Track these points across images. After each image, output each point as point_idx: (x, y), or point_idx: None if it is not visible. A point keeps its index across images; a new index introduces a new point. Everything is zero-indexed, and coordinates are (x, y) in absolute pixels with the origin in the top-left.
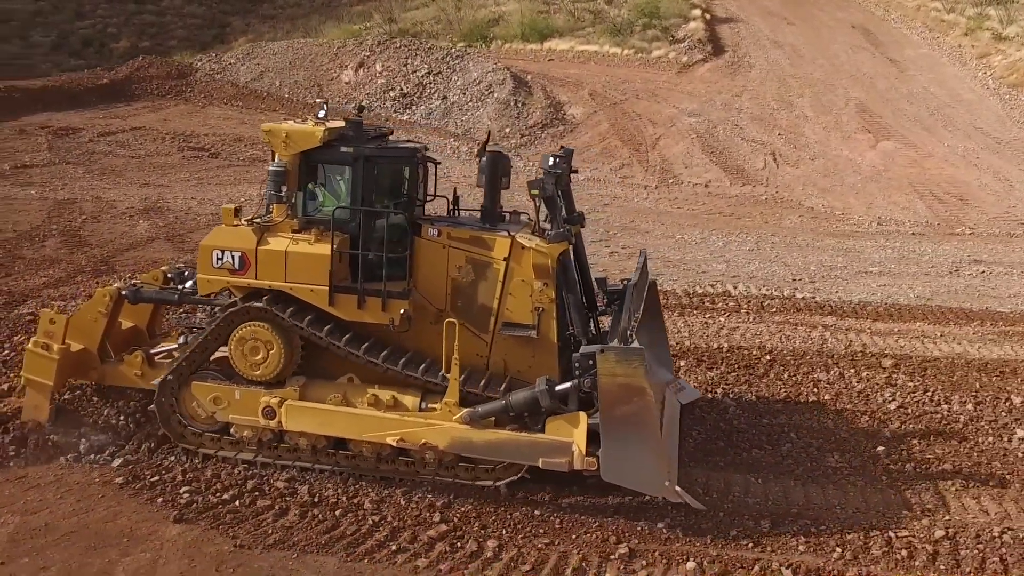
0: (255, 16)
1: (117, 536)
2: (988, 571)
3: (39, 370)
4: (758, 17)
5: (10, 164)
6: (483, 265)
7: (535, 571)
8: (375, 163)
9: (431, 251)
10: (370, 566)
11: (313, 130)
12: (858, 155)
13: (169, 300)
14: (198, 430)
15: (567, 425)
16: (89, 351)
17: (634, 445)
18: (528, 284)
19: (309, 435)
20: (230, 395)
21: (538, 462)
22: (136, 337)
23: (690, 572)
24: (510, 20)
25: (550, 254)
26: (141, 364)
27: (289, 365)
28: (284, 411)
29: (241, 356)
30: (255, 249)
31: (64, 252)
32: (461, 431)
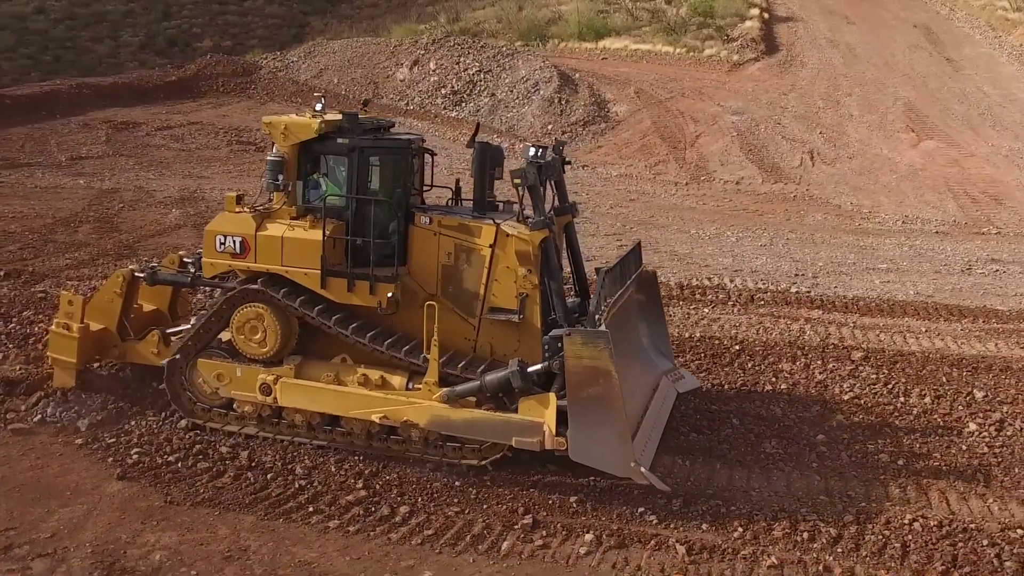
0: (333, 16)
1: (63, 490)
2: (885, 556)
3: (62, 349)
4: (819, 16)
5: (67, 156)
6: (470, 252)
7: (437, 536)
8: (369, 154)
9: (423, 238)
10: (284, 524)
11: (309, 122)
12: (898, 154)
13: (183, 282)
14: (205, 405)
15: (538, 406)
16: (108, 330)
17: (600, 426)
18: (513, 271)
19: (304, 412)
20: (232, 372)
21: (511, 441)
22: (157, 319)
23: (587, 543)
24: (568, 19)
25: (531, 241)
26: (157, 343)
27: (286, 345)
28: (279, 388)
29: (242, 336)
30: (254, 234)
31: (94, 237)
32: (440, 410)
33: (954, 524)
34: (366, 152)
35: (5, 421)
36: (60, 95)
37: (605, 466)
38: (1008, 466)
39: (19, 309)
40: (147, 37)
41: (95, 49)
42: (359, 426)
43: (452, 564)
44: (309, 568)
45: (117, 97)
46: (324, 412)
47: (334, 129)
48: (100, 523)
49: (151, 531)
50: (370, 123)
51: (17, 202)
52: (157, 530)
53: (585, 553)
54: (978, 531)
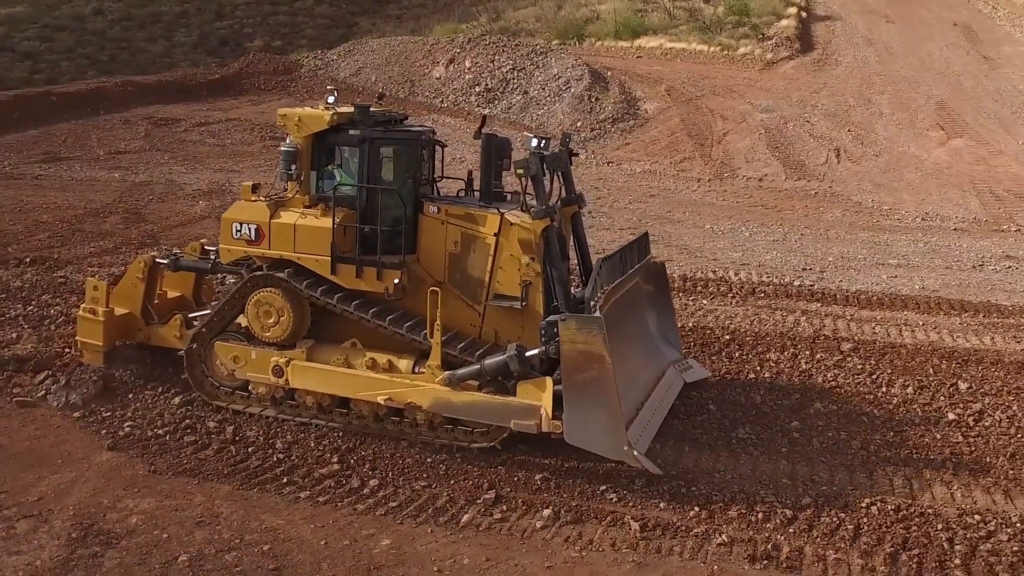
0: (381, 16)
1: (55, 458)
2: (836, 537)
3: (89, 333)
4: (858, 15)
5: (106, 150)
6: (476, 240)
7: (401, 507)
8: (380, 144)
9: (432, 227)
10: (257, 493)
11: (322, 114)
12: (925, 152)
13: (203, 268)
14: (224, 387)
15: (536, 389)
16: (133, 315)
17: (594, 410)
18: (516, 258)
19: (315, 393)
20: (247, 355)
21: (510, 423)
22: (182, 305)
23: (544, 518)
24: (606, 18)
25: (533, 229)
26: (180, 327)
27: (299, 329)
28: (290, 370)
29: (256, 320)
30: (268, 222)
31: (120, 227)
32: (442, 392)
33: (912, 509)
34: (377, 143)
35: (11, 395)
36: (106, 92)
37: (599, 449)
38: (979, 455)
39: (39, 293)
40: (200, 37)
41: (150, 49)
42: (367, 408)
43: (411, 533)
44: (274, 533)
45: (161, 94)
46: (333, 394)
47: (346, 121)
48: (85, 489)
49: (131, 497)
50: (382, 115)
51: (53, 194)
52: (137, 496)
53: (541, 527)
54: (935, 516)
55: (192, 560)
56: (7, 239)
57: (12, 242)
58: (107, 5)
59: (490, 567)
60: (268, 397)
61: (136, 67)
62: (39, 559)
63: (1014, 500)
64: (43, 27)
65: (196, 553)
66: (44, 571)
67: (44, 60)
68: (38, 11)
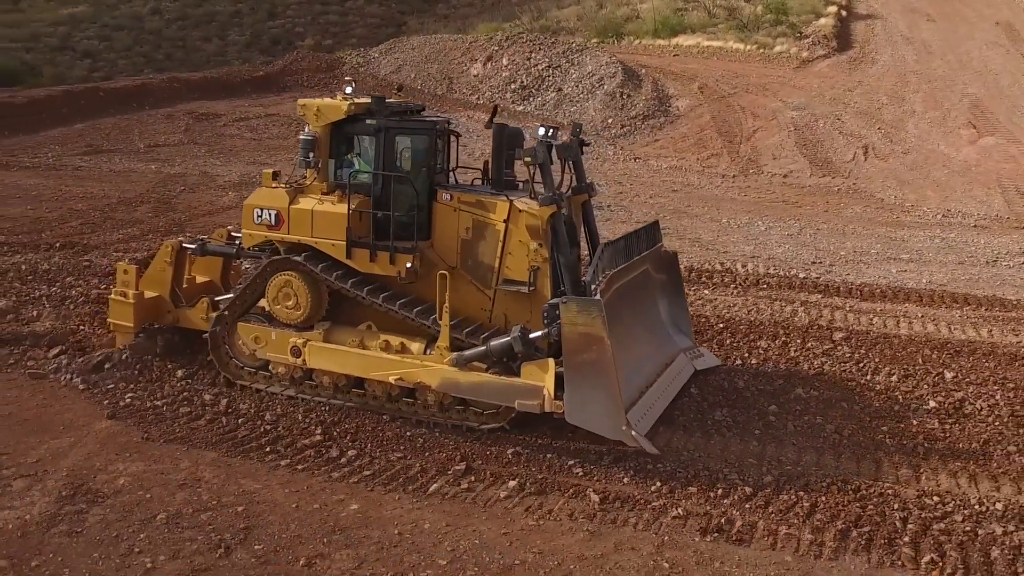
0: (430, 16)
1: (56, 425)
2: (791, 513)
3: (120, 315)
4: (899, 14)
5: (146, 143)
6: (486, 227)
7: (374, 476)
8: (395, 133)
9: (444, 214)
10: (240, 460)
11: (340, 104)
12: (955, 150)
13: (229, 253)
14: (247, 367)
15: (539, 370)
16: (162, 297)
17: (594, 390)
18: (525, 244)
19: (331, 374)
20: (267, 336)
21: (514, 403)
22: (209, 289)
23: (509, 489)
24: (645, 17)
25: (541, 216)
26: (206, 310)
27: (316, 311)
28: (307, 350)
29: (276, 302)
30: (288, 208)
31: (150, 215)
32: (450, 373)
33: (872, 489)
34: (392, 132)
35: (25, 367)
36: (152, 88)
37: (598, 428)
38: (953, 441)
39: (64, 276)
40: (253, 36)
41: (204, 48)
42: (381, 388)
43: (379, 500)
44: (250, 496)
45: (206, 90)
46: (347, 373)
47: (363, 111)
48: (81, 453)
49: (123, 461)
50: (398, 106)
51: (91, 184)
52: (128, 460)
53: (504, 497)
54: (894, 496)
55: (169, 518)
56: (42, 225)
57: (46, 228)
58: (164, 5)
59: (449, 532)
60: (287, 377)
61: (190, 65)
62: (29, 514)
63: (978, 484)
64: (102, 26)
65: (174, 512)
66: (32, 524)
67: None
68: (99, 11)
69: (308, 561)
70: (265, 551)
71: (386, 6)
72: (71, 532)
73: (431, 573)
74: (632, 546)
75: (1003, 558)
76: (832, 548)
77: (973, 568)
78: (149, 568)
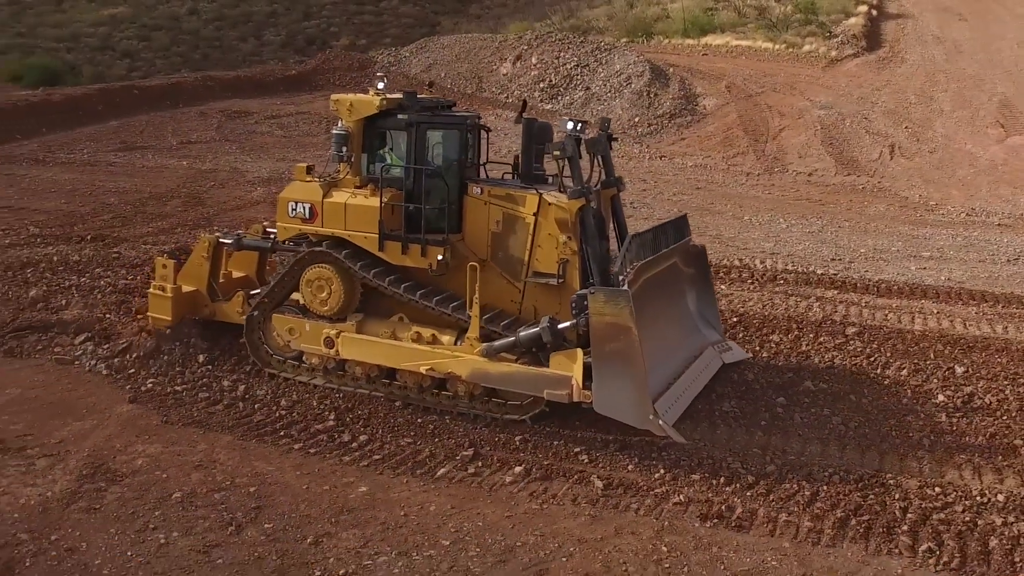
0: (463, 16)
1: (80, 408)
2: (791, 501)
3: (159, 308)
4: (931, 13)
5: (178, 140)
6: (516, 220)
7: (384, 460)
8: (426, 128)
9: (475, 207)
10: (255, 443)
11: (372, 99)
12: (982, 149)
13: (264, 247)
14: (280, 357)
15: (567, 360)
16: (200, 291)
17: (621, 380)
18: (554, 237)
19: (363, 364)
20: (301, 327)
21: (543, 393)
22: (245, 284)
23: (515, 474)
24: (675, 16)
25: (569, 209)
26: (242, 303)
27: (349, 303)
28: (340, 341)
29: (310, 294)
30: (321, 201)
31: (180, 209)
32: (480, 363)
33: (874, 480)
34: (423, 127)
35: (52, 353)
36: (185, 87)
37: (625, 418)
38: (960, 434)
39: (94, 267)
40: (288, 36)
41: (240, 47)
42: (411, 379)
43: (387, 483)
44: (262, 477)
45: (239, 89)
46: (379, 364)
47: (395, 106)
48: (102, 435)
49: (142, 443)
50: (429, 101)
51: (123, 179)
52: (147, 442)
53: (510, 482)
54: (895, 487)
55: (184, 497)
56: (74, 219)
57: (78, 222)
58: (202, 5)
59: (454, 514)
60: (320, 367)
61: (227, 65)
62: (50, 491)
63: (981, 476)
64: (141, 27)
65: (189, 491)
66: (53, 500)
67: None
68: (138, 11)
69: (315, 539)
70: (274, 529)
71: (420, 6)
72: (89, 509)
73: (434, 552)
74: (632, 530)
75: (1001, 548)
76: (830, 535)
77: (970, 557)
78: (163, 543)
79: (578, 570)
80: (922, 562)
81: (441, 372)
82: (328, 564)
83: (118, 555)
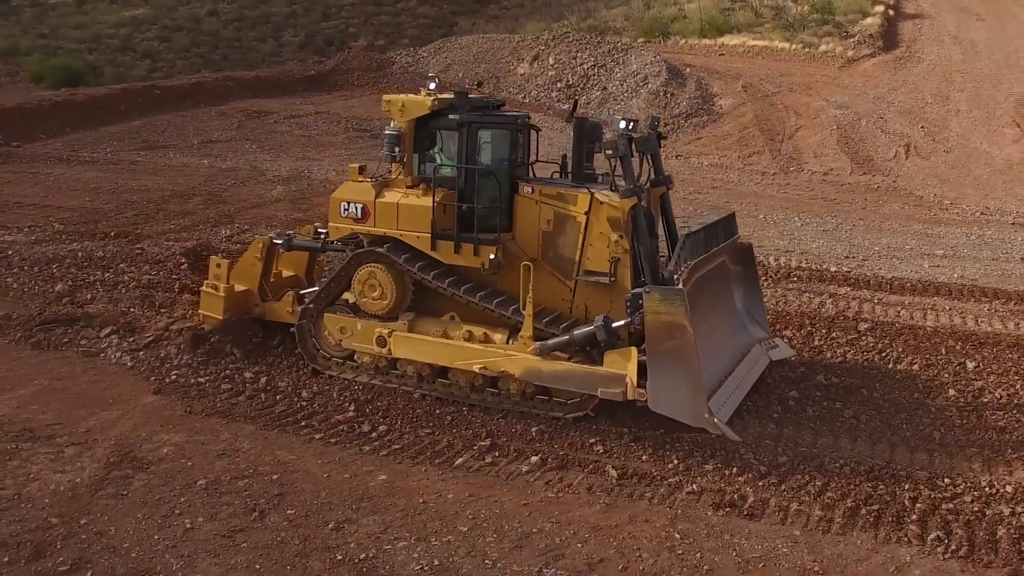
0: (481, 16)
1: (106, 399)
2: (803, 492)
3: (211, 307)
4: (948, 13)
5: (199, 139)
6: (567, 219)
7: (403, 450)
8: (477, 128)
9: (526, 206)
10: (277, 433)
11: (424, 100)
12: (997, 148)
13: (314, 247)
14: (332, 356)
15: (621, 359)
16: (251, 291)
17: (677, 378)
18: (605, 236)
19: (415, 363)
20: (353, 326)
21: (596, 391)
22: (294, 283)
23: (531, 464)
24: (692, 16)
25: (622, 208)
26: (292, 303)
27: (400, 302)
28: (392, 340)
29: (361, 293)
30: (374, 201)
31: (201, 207)
32: (533, 362)
33: (884, 470)
34: (474, 127)
35: (79, 345)
36: (206, 87)
37: (681, 416)
38: (970, 428)
39: (117, 262)
40: (307, 37)
41: (259, 48)
42: (464, 378)
43: (406, 472)
44: (284, 466)
45: (259, 89)
46: (431, 363)
47: (446, 106)
48: (127, 424)
49: (166, 432)
50: (479, 101)
51: (145, 177)
52: (171, 432)
53: (526, 471)
54: (906, 478)
55: (209, 484)
56: (98, 216)
57: (102, 219)
58: (221, 7)
59: (471, 501)
60: (372, 366)
61: (246, 65)
62: (79, 477)
63: (991, 469)
64: (162, 28)
65: (213, 479)
66: (82, 487)
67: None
68: (159, 13)
69: (336, 525)
70: (296, 515)
71: (438, 7)
72: (117, 495)
73: (452, 538)
74: (646, 518)
75: (1008, 537)
76: (840, 524)
77: (978, 546)
78: (188, 528)
79: (593, 556)
80: (931, 550)
81: (494, 371)
82: (349, 549)
83: (145, 539)
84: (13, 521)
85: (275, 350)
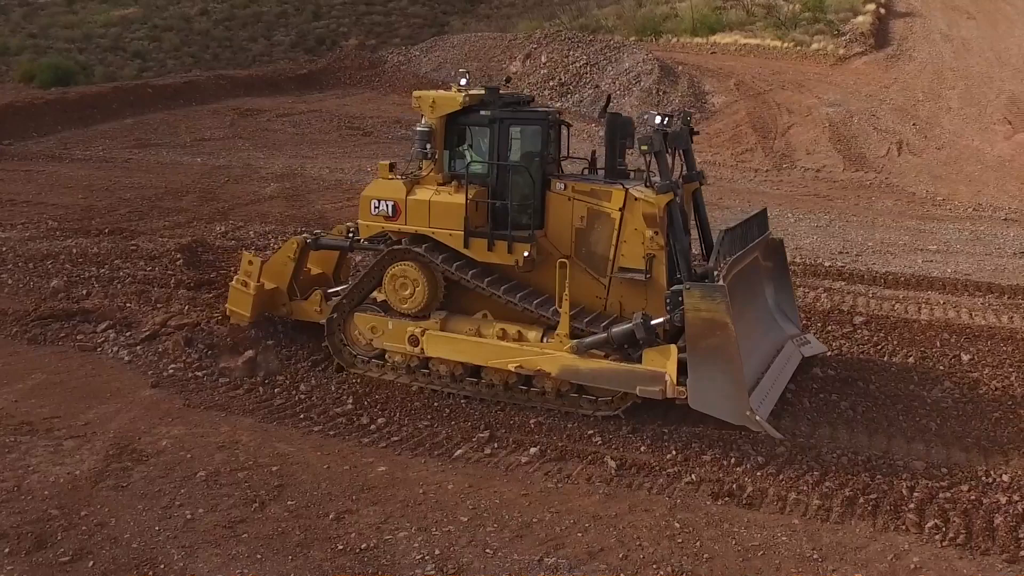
0: (473, 16)
1: (104, 392)
2: (801, 481)
3: (239, 303)
4: (939, 11)
5: (192, 137)
6: (601, 215)
7: (402, 442)
8: (508, 124)
9: (558, 203)
10: (275, 426)
11: (455, 96)
12: (989, 146)
13: (342, 246)
14: (363, 355)
15: (660, 357)
16: (280, 290)
17: (717, 376)
18: (640, 232)
19: (447, 362)
20: (384, 325)
21: (635, 389)
22: (322, 282)
23: (530, 455)
24: (683, 15)
25: (657, 204)
26: (320, 302)
27: (433, 300)
28: (425, 339)
29: (393, 292)
30: (405, 199)
31: (194, 204)
32: (570, 360)
33: (881, 461)
34: (506, 123)
35: (75, 340)
36: (199, 85)
37: (721, 413)
38: (966, 418)
39: (112, 258)
40: (298, 36)
41: (250, 47)
42: (498, 376)
43: (406, 463)
44: (284, 458)
45: (251, 87)
46: (465, 362)
47: (477, 102)
48: (126, 417)
49: (165, 425)
50: (510, 97)
51: (139, 175)
52: (170, 425)
53: (525, 462)
54: (903, 468)
55: (208, 476)
56: (92, 213)
57: (96, 216)
58: (212, 6)
59: (471, 492)
60: (403, 365)
61: (237, 65)
62: (79, 470)
63: (988, 458)
64: (152, 27)
65: (213, 471)
66: (82, 479)
67: (152, 58)
68: (149, 12)
69: (337, 515)
70: (297, 506)
71: (429, 6)
72: (117, 487)
73: (452, 528)
74: (646, 508)
75: (1005, 524)
76: (839, 513)
77: (975, 534)
78: (189, 519)
79: (593, 545)
80: (928, 538)
81: (530, 369)
82: (350, 539)
83: (146, 530)
84: (13, 513)
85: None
